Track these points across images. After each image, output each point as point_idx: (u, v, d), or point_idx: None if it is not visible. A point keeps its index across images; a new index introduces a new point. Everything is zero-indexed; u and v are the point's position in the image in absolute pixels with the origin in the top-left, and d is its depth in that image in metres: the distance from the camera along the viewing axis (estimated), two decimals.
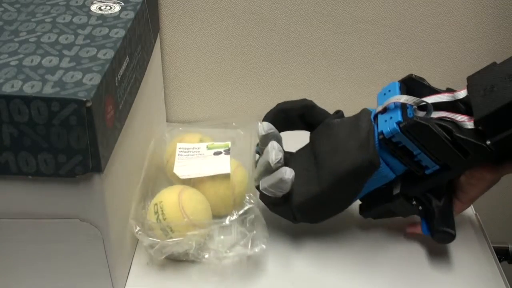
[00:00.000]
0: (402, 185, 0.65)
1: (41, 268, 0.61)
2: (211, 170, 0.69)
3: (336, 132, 0.66)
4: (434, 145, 0.59)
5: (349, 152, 0.62)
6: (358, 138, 0.62)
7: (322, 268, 0.68)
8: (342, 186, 0.63)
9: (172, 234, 0.64)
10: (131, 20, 0.64)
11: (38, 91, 0.49)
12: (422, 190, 0.65)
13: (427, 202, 0.65)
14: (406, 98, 0.61)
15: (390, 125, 0.60)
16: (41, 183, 0.54)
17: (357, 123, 0.64)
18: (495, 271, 0.68)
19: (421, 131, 0.58)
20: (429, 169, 0.62)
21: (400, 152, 0.61)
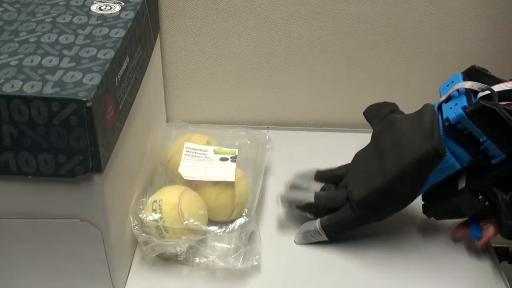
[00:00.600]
0: (467, 179, 0.63)
1: (41, 268, 0.61)
2: (216, 175, 0.69)
3: (399, 127, 0.65)
4: (500, 130, 0.57)
5: (413, 143, 0.61)
6: (422, 130, 0.61)
7: (322, 267, 0.68)
8: (406, 177, 0.62)
9: (166, 234, 0.64)
10: (131, 20, 0.64)
11: (38, 91, 0.49)
12: (488, 182, 0.62)
13: (493, 197, 0.63)
14: (471, 84, 0.60)
15: (455, 111, 0.58)
16: (41, 183, 0.54)
17: (420, 117, 0.63)
18: (495, 271, 0.68)
19: (487, 115, 0.57)
20: (495, 159, 0.59)
21: (466, 139, 0.59)
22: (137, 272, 0.67)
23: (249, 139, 0.78)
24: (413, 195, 0.65)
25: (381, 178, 0.63)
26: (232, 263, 0.64)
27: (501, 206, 0.62)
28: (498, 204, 0.63)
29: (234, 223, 0.67)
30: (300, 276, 0.67)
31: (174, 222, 0.64)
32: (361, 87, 0.90)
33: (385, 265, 0.69)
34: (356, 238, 0.72)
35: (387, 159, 0.63)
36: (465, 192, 0.62)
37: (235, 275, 0.66)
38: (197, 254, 0.66)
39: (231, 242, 0.66)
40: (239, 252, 0.65)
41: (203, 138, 0.76)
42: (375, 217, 0.68)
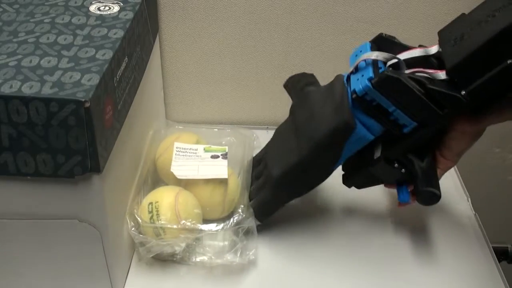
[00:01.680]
0: (382, 148, 0.63)
1: (40, 268, 0.61)
2: (208, 173, 0.69)
3: (312, 100, 0.65)
4: (407, 100, 0.57)
5: (324, 117, 0.61)
6: (333, 102, 0.61)
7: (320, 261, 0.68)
8: (320, 152, 0.62)
9: (164, 235, 0.64)
10: (130, 20, 0.64)
11: (37, 91, 0.49)
12: (402, 151, 0.63)
13: (409, 164, 0.63)
14: (376, 55, 0.60)
15: (361, 82, 0.58)
16: (40, 183, 0.54)
17: (331, 88, 0.63)
18: (495, 271, 0.68)
19: (393, 85, 0.57)
20: (406, 127, 0.60)
21: (375, 110, 0.59)
22: (136, 272, 0.67)
23: (235, 137, 0.78)
24: (330, 169, 0.65)
25: (296, 155, 0.63)
26: (230, 259, 0.65)
27: (418, 173, 0.63)
28: (414, 171, 0.63)
29: (231, 219, 0.67)
30: (297, 270, 0.67)
31: (172, 223, 0.64)
32: None
33: (383, 264, 0.69)
34: (355, 234, 0.72)
35: (302, 135, 0.64)
36: (381, 161, 0.63)
37: (233, 272, 0.67)
38: (194, 253, 0.66)
39: (227, 238, 0.66)
40: (235, 247, 0.65)
41: (192, 137, 0.76)
42: (295, 193, 0.68)
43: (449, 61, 0.56)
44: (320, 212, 0.75)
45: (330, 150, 0.62)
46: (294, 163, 0.64)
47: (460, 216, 0.76)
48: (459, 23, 0.58)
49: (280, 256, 0.69)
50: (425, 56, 0.60)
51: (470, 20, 0.57)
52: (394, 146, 0.62)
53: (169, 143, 0.74)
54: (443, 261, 0.69)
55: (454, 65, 0.55)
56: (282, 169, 0.65)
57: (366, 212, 0.76)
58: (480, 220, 0.76)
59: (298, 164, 0.64)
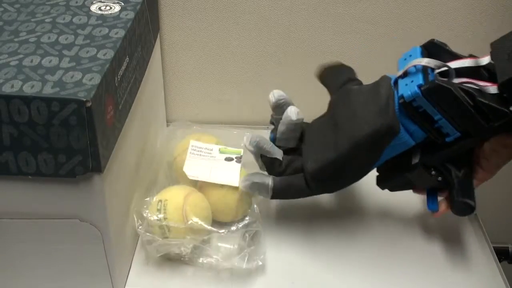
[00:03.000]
0: (421, 155, 0.62)
1: (41, 268, 0.61)
2: (220, 178, 0.69)
3: (355, 98, 0.64)
4: (455, 110, 0.57)
5: (368, 117, 0.60)
6: (377, 103, 0.61)
7: (323, 267, 0.68)
8: (360, 152, 0.61)
9: (169, 234, 0.64)
10: (131, 20, 0.64)
11: (38, 91, 0.49)
12: (442, 159, 0.62)
13: (446, 173, 0.63)
14: (427, 61, 0.59)
15: (411, 88, 0.58)
16: (41, 183, 0.54)
17: (376, 89, 0.62)
18: (495, 271, 0.68)
19: (442, 95, 0.56)
20: (450, 137, 0.59)
21: (421, 117, 0.59)
22: (137, 272, 0.67)
23: None
24: (366, 170, 0.65)
25: (334, 151, 0.63)
26: (237, 264, 0.64)
27: (454, 183, 0.62)
28: (451, 181, 0.63)
29: (238, 223, 0.67)
30: (305, 276, 0.67)
31: (178, 222, 0.64)
32: None
33: (384, 264, 0.69)
34: (361, 240, 0.72)
35: (342, 132, 0.63)
36: (418, 167, 0.62)
37: (238, 275, 0.66)
38: (201, 255, 0.66)
39: (235, 242, 0.66)
40: (243, 252, 0.65)
41: (212, 139, 0.75)
42: (327, 189, 0.67)
43: (502, 75, 0.55)
44: (330, 218, 0.75)
45: (370, 151, 0.62)
46: (331, 159, 0.63)
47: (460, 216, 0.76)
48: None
49: (289, 262, 0.69)
50: (475, 67, 0.59)
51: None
52: (434, 154, 0.62)
53: (187, 144, 0.73)
54: (444, 261, 0.69)
55: (506, 80, 0.55)
56: (318, 163, 0.64)
57: (373, 216, 0.75)
58: (481, 220, 0.76)
59: (335, 160, 0.62)
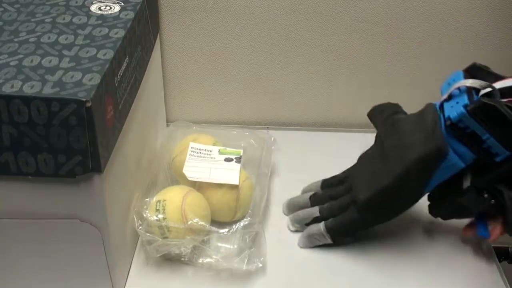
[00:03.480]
0: (472, 178, 0.62)
1: (41, 268, 0.61)
2: (220, 177, 0.69)
3: (402, 127, 0.65)
4: (503, 128, 0.57)
5: (416, 143, 0.61)
6: (424, 129, 0.61)
7: (329, 271, 0.68)
8: (411, 177, 0.62)
9: (169, 234, 0.64)
10: (131, 20, 0.63)
11: (38, 91, 0.49)
12: (493, 181, 0.62)
13: (499, 195, 0.62)
14: (472, 82, 0.60)
15: (457, 109, 0.58)
16: (41, 183, 0.53)
17: (422, 116, 0.63)
18: (495, 271, 0.68)
19: (489, 113, 0.57)
20: (499, 156, 0.59)
21: (469, 138, 0.59)
22: (137, 272, 0.67)
23: (254, 140, 0.78)
24: (418, 195, 0.65)
25: (385, 178, 0.63)
26: (237, 265, 0.64)
27: (507, 204, 0.62)
28: (504, 202, 0.62)
29: (238, 223, 0.67)
30: (306, 279, 0.67)
31: (177, 222, 0.64)
32: (361, 87, 0.90)
33: (386, 265, 0.68)
34: (362, 240, 0.71)
35: (391, 160, 0.63)
36: (471, 190, 0.62)
37: (238, 276, 0.66)
38: (201, 255, 0.66)
39: (235, 243, 0.66)
40: (244, 254, 0.64)
41: (210, 139, 0.75)
42: (381, 218, 0.68)
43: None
44: None
45: (421, 175, 0.62)
46: (382, 187, 0.63)
47: None
48: None
49: (289, 264, 0.69)
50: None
51: None
52: (485, 176, 0.62)
53: (186, 144, 0.74)
54: (444, 261, 0.69)
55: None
56: (370, 192, 0.64)
57: None
58: None
59: (387, 187, 0.63)
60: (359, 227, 0.68)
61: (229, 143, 0.76)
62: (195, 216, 0.64)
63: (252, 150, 0.76)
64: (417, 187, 0.63)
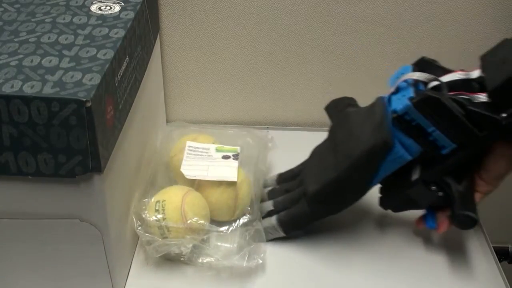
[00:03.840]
0: (421, 171, 0.63)
1: (41, 268, 0.61)
2: (218, 175, 0.69)
3: (352, 120, 0.66)
4: (447, 120, 0.57)
5: (363, 136, 0.62)
6: (372, 122, 0.62)
7: (323, 266, 0.68)
8: (357, 169, 0.62)
9: (169, 234, 0.64)
10: (131, 20, 0.64)
11: (38, 91, 0.49)
12: (440, 174, 0.62)
13: (446, 187, 0.63)
14: (419, 75, 0.60)
15: (402, 102, 0.59)
16: (41, 183, 0.54)
17: (371, 109, 0.64)
18: (495, 271, 0.68)
19: (433, 105, 0.57)
20: (445, 149, 0.60)
21: (414, 130, 0.59)
22: (137, 272, 0.67)
23: (251, 138, 0.78)
24: (365, 187, 0.65)
25: (333, 171, 0.64)
26: (237, 262, 0.64)
27: (455, 196, 0.62)
28: (451, 195, 0.63)
29: (237, 222, 0.67)
30: (306, 275, 0.67)
31: (177, 222, 0.64)
32: (361, 87, 0.90)
33: (382, 264, 0.69)
34: (361, 238, 0.72)
35: (340, 153, 0.64)
36: (418, 183, 0.63)
37: (239, 275, 0.66)
38: (201, 254, 0.66)
39: (234, 241, 0.66)
40: (243, 251, 0.65)
41: (209, 139, 0.76)
42: (330, 210, 0.68)
43: (490, 83, 0.56)
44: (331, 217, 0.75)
45: (367, 168, 0.63)
46: (330, 180, 0.64)
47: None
48: (501, 48, 0.59)
49: (289, 261, 0.69)
50: (467, 80, 0.60)
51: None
52: (432, 168, 0.62)
53: (184, 143, 0.74)
54: (444, 261, 0.69)
55: (495, 87, 0.55)
56: (319, 185, 0.65)
57: (373, 215, 0.75)
58: (481, 220, 0.76)
59: (335, 180, 0.64)
60: (310, 220, 0.69)
61: (226, 142, 0.76)
62: (195, 216, 0.64)
63: (249, 148, 0.76)
64: (365, 180, 0.64)
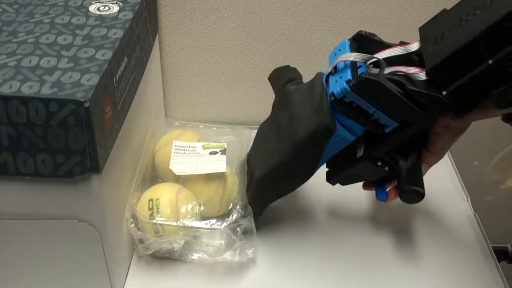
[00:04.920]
0: (365, 147, 0.63)
1: (40, 268, 0.61)
2: (207, 168, 0.69)
3: (292, 99, 0.64)
4: (388, 101, 0.56)
5: (304, 118, 0.61)
6: (312, 103, 0.61)
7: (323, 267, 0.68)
8: (301, 154, 0.62)
9: (163, 232, 0.64)
10: (130, 20, 0.64)
11: (36, 91, 0.49)
12: (385, 150, 0.62)
13: (392, 162, 0.63)
14: (355, 56, 0.58)
15: (340, 85, 0.57)
16: (40, 183, 0.54)
17: (311, 88, 0.62)
18: (495, 271, 0.68)
19: (372, 88, 0.56)
20: (388, 127, 0.59)
21: (355, 112, 0.58)
22: (136, 271, 0.67)
23: (233, 136, 0.78)
24: (311, 170, 0.65)
25: (277, 156, 0.64)
26: (229, 258, 0.65)
27: (401, 171, 0.62)
28: (398, 170, 0.63)
29: (230, 217, 0.67)
30: (296, 269, 0.68)
31: (171, 220, 0.64)
32: None
33: (382, 264, 0.69)
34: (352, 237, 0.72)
35: (283, 136, 0.64)
36: (363, 160, 0.62)
37: (233, 272, 0.67)
38: (192, 250, 0.66)
39: (225, 237, 0.66)
40: (234, 246, 0.65)
41: (195, 136, 0.76)
42: (278, 193, 0.68)
43: (429, 61, 0.55)
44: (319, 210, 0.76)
45: (311, 152, 0.62)
46: (274, 165, 0.64)
47: (460, 216, 0.76)
48: (440, 20, 0.57)
49: (280, 255, 0.69)
50: (406, 54, 0.59)
51: (451, 17, 0.56)
52: (377, 145, 0.62)
53: (169, 138, 0.74)
54: (443, 261, 0.69)
55: (434, 66, 0.54)
56: (264, 170, 0.65)
57: (367, 211, 0.76)
58: (480, 220, 0.76)
59: (279, 166, 0.64)
60: (261, 204, 0.69)
61: (209, 140, 0.76)
62: (188, 213, 0.65)
63: (231, 146, 0.76)
64: (309, 163, 0.64)
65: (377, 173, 0.64)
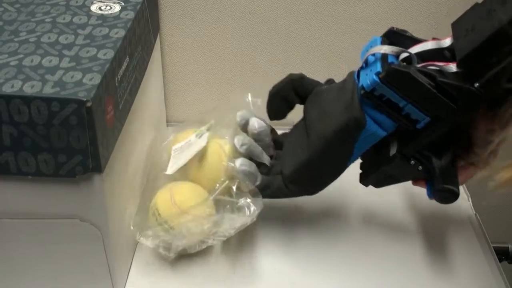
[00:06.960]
0: (398, 145, 0.61)
1: (41, 268, 0.61)
2: (189, 153, 0.69)
3: (324, 98, 0.64)
4: (418, 94, 0.55)
5: (335, 114, 0.60)
6: (343, 100, 0.60)
7: (322, 267, 0.68)
8: (330, 149, 0.61)
9: (172, 230, 0.64)
10: (131, 20, 0.64)
11: (38, 91, 0.49)
12: (417, 147, 0.61)
13: (426, 161, 0.61)
14: (386, 48, 0.58)
15: (369, 77, 0.57)
16: (41, 183, 0.54)
17: (343, 85, 0.62)
18: (495, 271, 0.68)
19: (402, 80, 0.55)
20: (420, 123, 0.58)
21: (386, 106, 0.57)
22: (137, 271, 0.67)
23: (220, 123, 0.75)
24: (342, 168, 0.64)
25: (306, 152, 0.63)
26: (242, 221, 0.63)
27: (435, 170, 0.61)
28: (431, 169, 0.61)
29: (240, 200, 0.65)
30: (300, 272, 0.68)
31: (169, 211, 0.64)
32: None
33: (383, 264, 0.69)
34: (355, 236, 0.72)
35: (313, 132, 0.63)
36: (396, 158, 0.61)
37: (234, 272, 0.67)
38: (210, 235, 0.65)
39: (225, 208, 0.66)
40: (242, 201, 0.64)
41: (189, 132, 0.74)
42: (305, 191, 0.67)
43: (459, 52, 0.54)
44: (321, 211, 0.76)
45: (340, 147, 0.61)
46: (304, 161, 0.63)
47: (460, 216, 0.76)
48: (471, 14, 0.57)
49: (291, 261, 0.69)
50: (439, 49, 0.58)
51: (481, 10, 0.55)
52: (410, 143, 0.60)
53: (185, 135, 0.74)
54: (443, 261, 0.69)
55: (464, 56, 0.53)
56: (293, 166, 0.64)
57: (368, 211, 0.76)
58: (481, 220, 0.76)
59: (308, 161, 0.63)
60: (282, 195, 0.67)
61: None
62: (184, 199, 0.65)
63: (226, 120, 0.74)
64: (339, 159, 0.63)
65: (410, 173, 0.63)
